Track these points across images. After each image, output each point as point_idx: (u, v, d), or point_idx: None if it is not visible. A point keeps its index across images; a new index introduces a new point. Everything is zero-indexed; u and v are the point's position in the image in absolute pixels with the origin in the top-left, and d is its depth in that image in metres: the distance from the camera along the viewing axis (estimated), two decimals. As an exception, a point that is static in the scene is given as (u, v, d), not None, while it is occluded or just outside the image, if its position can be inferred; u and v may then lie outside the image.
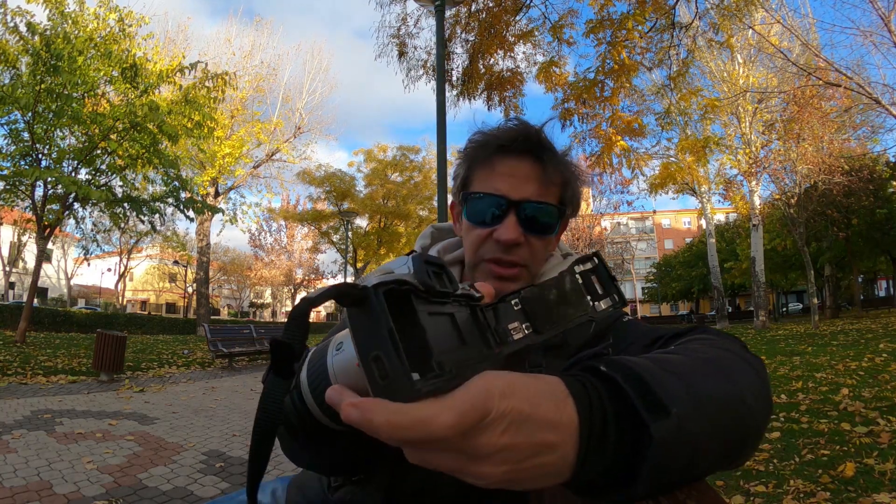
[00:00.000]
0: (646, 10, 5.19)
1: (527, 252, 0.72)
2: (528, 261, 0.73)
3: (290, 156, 22.42)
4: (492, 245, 0.72)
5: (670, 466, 0.37)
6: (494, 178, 0.72)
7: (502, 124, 0.75)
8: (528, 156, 0.72)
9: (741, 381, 0.46)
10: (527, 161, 0.72)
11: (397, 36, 7.24)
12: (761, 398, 0.46)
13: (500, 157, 0.72)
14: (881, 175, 17.92)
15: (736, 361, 0.50)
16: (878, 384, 4.93)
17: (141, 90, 9.52)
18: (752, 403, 0.44)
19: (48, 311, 19.20)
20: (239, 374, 9.46)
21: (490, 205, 0.72)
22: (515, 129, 0.73)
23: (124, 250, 35.46)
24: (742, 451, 0.45)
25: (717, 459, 0.42)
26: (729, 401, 0.42)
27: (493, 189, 0.72)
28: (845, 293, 33.41)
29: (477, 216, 0.73)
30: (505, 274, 0.72)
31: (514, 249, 0.71)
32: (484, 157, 0.73)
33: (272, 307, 53.04)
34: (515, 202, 0.71)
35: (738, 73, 17.14)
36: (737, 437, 0.43)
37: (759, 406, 0.46)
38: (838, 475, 2.70)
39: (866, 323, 15.67)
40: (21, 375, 6.82)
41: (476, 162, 0.75)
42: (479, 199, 0.73)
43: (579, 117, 5.82)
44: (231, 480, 3.26)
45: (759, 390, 0.47)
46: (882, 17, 9.66)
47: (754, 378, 0.48)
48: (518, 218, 0.71)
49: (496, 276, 0.72)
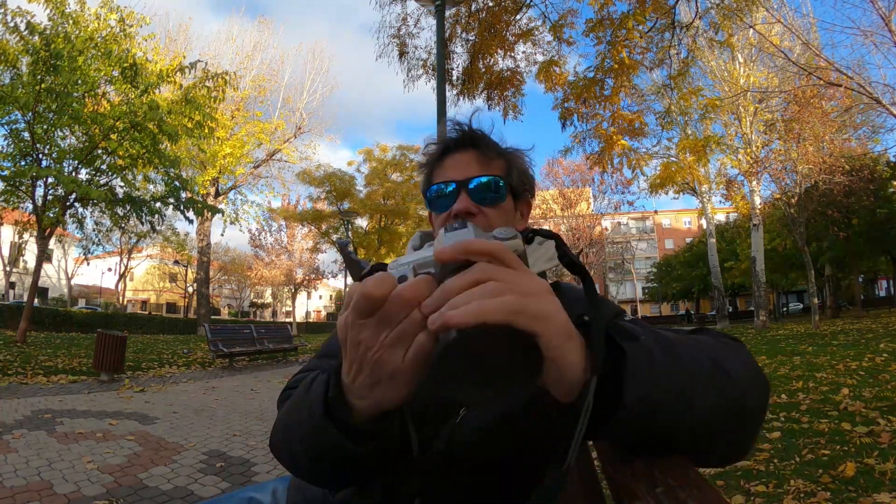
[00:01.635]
0: (646, 10, 5.19)
1: (483, 221, 0.79)
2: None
3: (290, 156, 22.43)
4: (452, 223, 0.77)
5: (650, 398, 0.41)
6: (444, 172, 0.83)
7: (450, 128, 0.86)
8: (468, 148, 0.83)
9: (721, 356, 0.48)
10: (468, 152, 0.83)
11: (398, 36, 7.24)
12: (747, 373, 0.49)
13: (447, 157, 0.84)
14: (882, 175, 17.91)
15: (721, 346, 0.52)
16: (879, 384, 4.93)
17: (141, 90, 9.51)
18: (732, 372, 0.47)
19: (48, 310, 19.23)
20: (239, 373, 9.47)
21: (443, 191, 0.82)
22: (454, 130, 0.85)
23: (125, 250, 35.48)
24: (732, 424, 0.47)
25: (705, 427, 0.45)
26: (702, 361, 0.46)
27: (444, 178, 0.83)
28: (845, 293, 33.41)
29: (438, 206, 0.83)
30: None
31: (471, 220, 0.77)
32: (435, 161, 0.85)
33: (272, 307, 53.05)
34: (461, 181, 0.81)
35: (739, 72, 17.13)
36: (720, 403, 0.45)
37: (744, 377, 0.48)
38: (839, 475, 2.70)
39: (867, 323, 15.66)
40: (21, 375, 6.82)
41: (431, 168, 0.86)
42: (435, 190, 0.83)
43: (579, 116, 5.82)
44: (231, 480, 3.26)
45: (743, 365, 0.49)
46: (882, 16, 9.65)
47: (739, 355, 0.51)
48: (468, 193, 0.80)
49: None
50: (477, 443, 0.73)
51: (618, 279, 50.14)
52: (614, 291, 51.31)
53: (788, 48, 13.43)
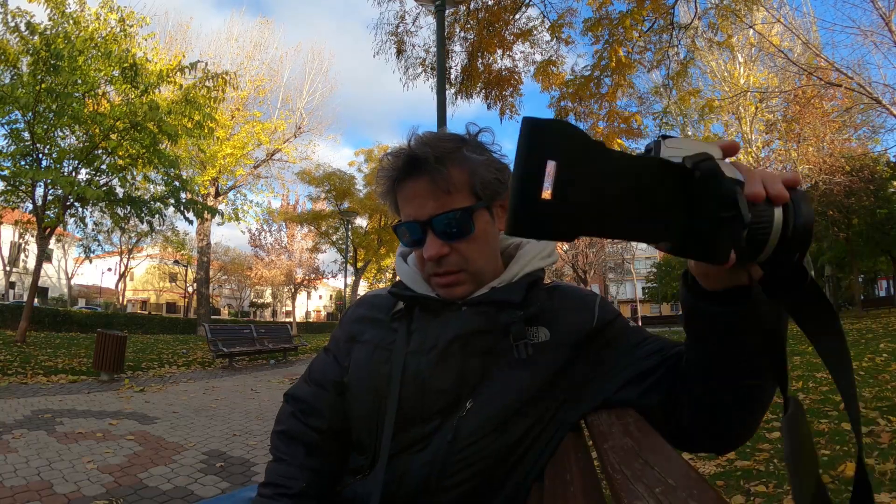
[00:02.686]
0: (644, 9, 5.18)
1: (457, 257, 0.79)
2: (462, 265, 0.80)
3: (290, 156, 22.42)
4: (427, 263, 0.80)
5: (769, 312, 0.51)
6: (404, 206, 0.81)
7: (390, 153, 0.81)
8: (418, 175, 0.78)
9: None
10: (420, 180, 0.78)
11: (395, 34, 7.22)
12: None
13: (398, 187, 0.81)
14: (882, 175, 17.90)
15: None
16: (879, 384, 4.93)
17: (141, 90, 9.52)
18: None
19: (48, 310, 19.20)
20: (239, 373, 9.47)
21: (410, 232, 0.80)
22: (398, 156, 0.79)
23: (124, 250, 35.46)
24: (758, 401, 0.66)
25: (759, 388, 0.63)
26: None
27: (406, 217, 0.80)
28: (846, 293, 33.38)
29: (409, 241, 0.82)
30: (444, 283, 0.81)
31: (444, 260, 0.79)
32: (388, 191, 0.82)
33: (272, 307, 53.02)
34: (425, 222, 0.78)
35: (739, 72, 17.12)
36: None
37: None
38: (838, 475, 2.70)
39: (867, 323, 15.65)
40: (21, 375, 6.82)
41: (387, 198, 0.84)
42: (401, 230, 0.82)
43: (576, 115, 5.82)
44: (231, 480, 3.26)
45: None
46: (883, 16, 9.65)
47: None
48: (435, 233, 0.78)
49: (440, 285, 0.82)
50: (483, 434, 0.74)
51: (618, 279, 50.13)
52: (614, 291, 51.32)
53: (788, 48, 13.42)
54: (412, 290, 0.85)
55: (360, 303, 0.96)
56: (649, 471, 0.49)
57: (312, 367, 0.95)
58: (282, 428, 0.89)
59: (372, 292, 0.98)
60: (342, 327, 0.94)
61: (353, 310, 0.95)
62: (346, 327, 0.93)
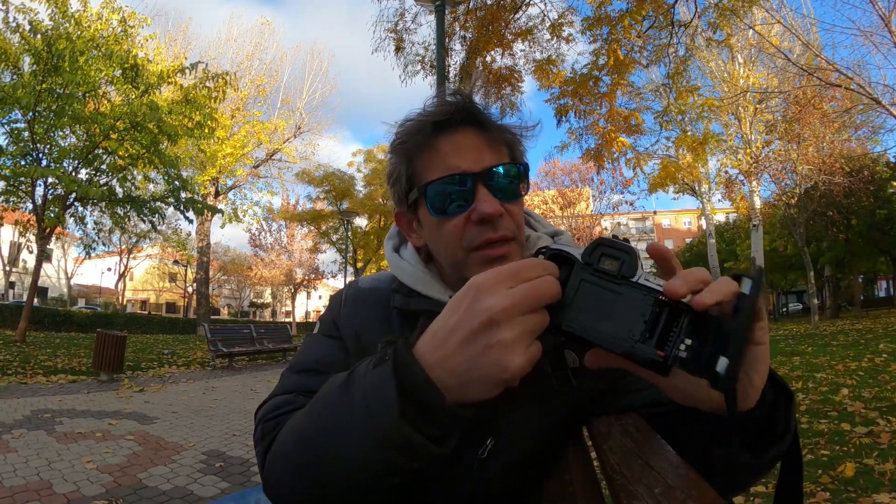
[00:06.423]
0: (644, 8, 5.18)
1: (510, 222, 0.65)
2: (514, 232, 0.65)
3: (290, 156, 22.43)
4: (474, 230, 0.63)
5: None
6: (444, 159, 0.65)
7: (426, 105, 0.68)
8: (468, 126, 0.66)
9: None
10: (469, 132, 0.66)
11: (394, 31, 7.23)
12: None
13: (439, 137, 0.66)
14: (881, 176, 17.93)
15: None
16: (878, 384, 4.93)
17: (141, 90, 9.52)
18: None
19: (48, 310, 19.21)
20: (239, 373, 9.46)
21: (454, 186, 0.64)
22: (446, 103, 0.67)
23: (124, 250, 35.45)
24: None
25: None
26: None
27: (448, 169, 0.64)
28: (845, 293, 33.39)
29: (444, 205, 0.64)
30: (496, 254, 0.64)
31: (499, 223, 0.63)
32: (422, 141, 0.66)
33: (272, 307, 53.01)
34: (479, 174, 0.63)
35: (739, 73, 17.12)
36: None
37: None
38: (838, 475, 2.70)
39: (866, 323, 15.67)
40: (21, 375, 6.82)
41: (416, 151, 0.67)
42: (441, 186, 0.64)
43: (576, 113, 5.82)
44: (231, 480, 3.26)
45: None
46: (882, 17, 9.64)
47: None
48: (489, 189, 0.63)
49: (489, 259, 0.63)
50: (505, 483, 0.69)
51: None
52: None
53: (788, 49, 13.42)
54: (422, 294, 0.69)
55: (359, 302, 0.78)
56: (649, 471, 0.49)
57: (316, 356, 0.74)
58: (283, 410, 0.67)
59: (368, 284, 0.79)
60: (343, 325, 0.77)
61: (354, 310, 0.77)
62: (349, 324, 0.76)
